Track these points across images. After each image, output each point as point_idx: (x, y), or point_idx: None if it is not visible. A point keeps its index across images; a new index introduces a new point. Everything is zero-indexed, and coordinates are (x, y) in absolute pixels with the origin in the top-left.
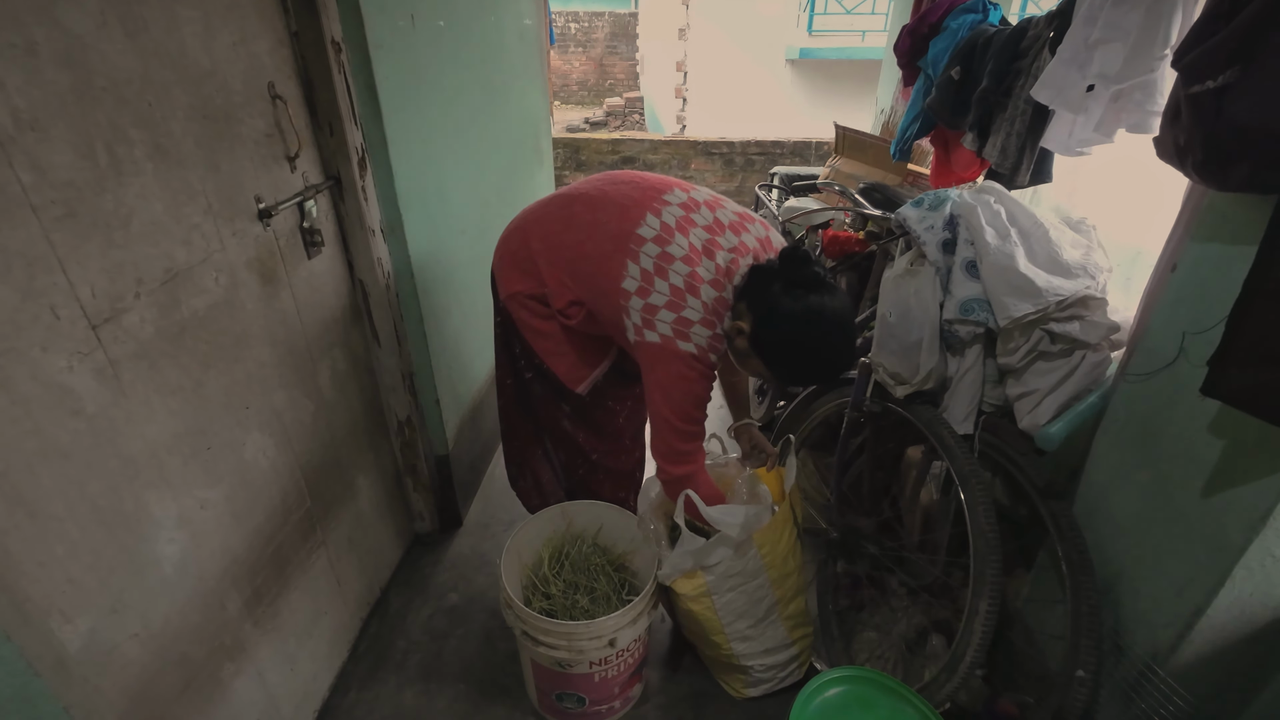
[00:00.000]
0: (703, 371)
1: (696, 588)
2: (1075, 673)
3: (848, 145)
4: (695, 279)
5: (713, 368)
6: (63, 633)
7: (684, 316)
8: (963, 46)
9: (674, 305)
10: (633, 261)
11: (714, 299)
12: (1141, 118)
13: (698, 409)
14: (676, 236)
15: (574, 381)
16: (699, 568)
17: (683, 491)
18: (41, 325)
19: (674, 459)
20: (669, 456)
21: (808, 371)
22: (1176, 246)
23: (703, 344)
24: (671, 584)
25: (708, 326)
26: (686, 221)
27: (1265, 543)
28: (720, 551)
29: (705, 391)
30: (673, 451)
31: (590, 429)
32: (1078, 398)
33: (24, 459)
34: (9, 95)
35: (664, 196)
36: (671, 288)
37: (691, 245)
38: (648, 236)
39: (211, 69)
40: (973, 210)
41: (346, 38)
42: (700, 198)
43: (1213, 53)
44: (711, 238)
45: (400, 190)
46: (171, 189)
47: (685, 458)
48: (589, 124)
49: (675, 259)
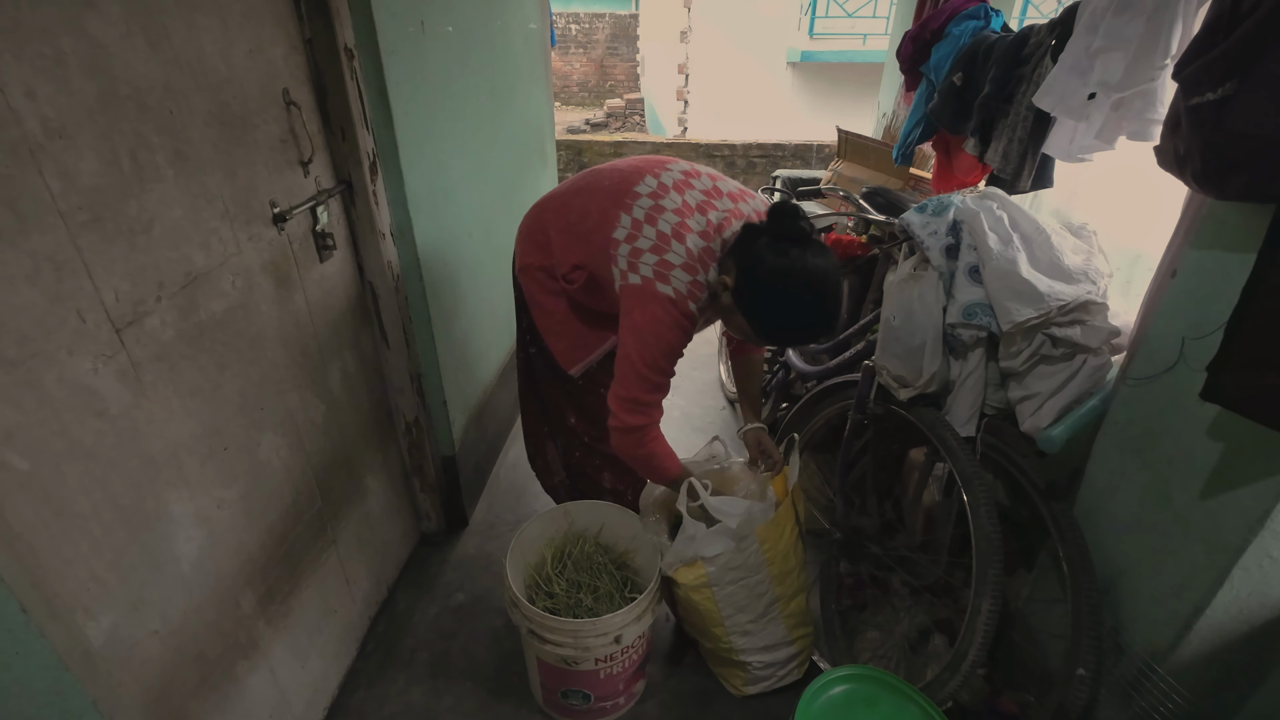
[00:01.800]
0: (677, 319)
1: (697, 578)
2: (1076, 671)
3: (850, 149)
4: (683, 228)
5: (690, 318)
6: (87, 629)
7: (666, 259)
8: (965, 53)
9: (658, 249)
10: (626, 213)
11: (700, 249)
12: (1142, 126)
13: (666, 359)
14: (671, 193)
15: (569, 363)
16: (699, 557)
17: (638, 450)
18: (68, 329)
19: (631, 408)
20: (627, 403)
21: (787, 327)
22: (1176, 253)
23: (681, 289)
24: (673, 573)
25: (689, 272)
26: (684, 184)
27: (1263, 544)
28: (722, 542)
29: (678, 342)
30: (632, 399)
31: (582, 413)
32: (1079, 401)
33: (51, 459)
34: (39, 104)
35: (667, 164)
36: (658, 233)
37: (685, 202)
38: (643, 193)
39: (229, 76)
40: (976, 216)
41: (359, 44)
42: (704, 170)
43: (1212, 65)
44: (707, 199)
45: (410, 194)
46: (191, 194)
47: (643, 409)
48: (589, 125)
49: (666, 210)
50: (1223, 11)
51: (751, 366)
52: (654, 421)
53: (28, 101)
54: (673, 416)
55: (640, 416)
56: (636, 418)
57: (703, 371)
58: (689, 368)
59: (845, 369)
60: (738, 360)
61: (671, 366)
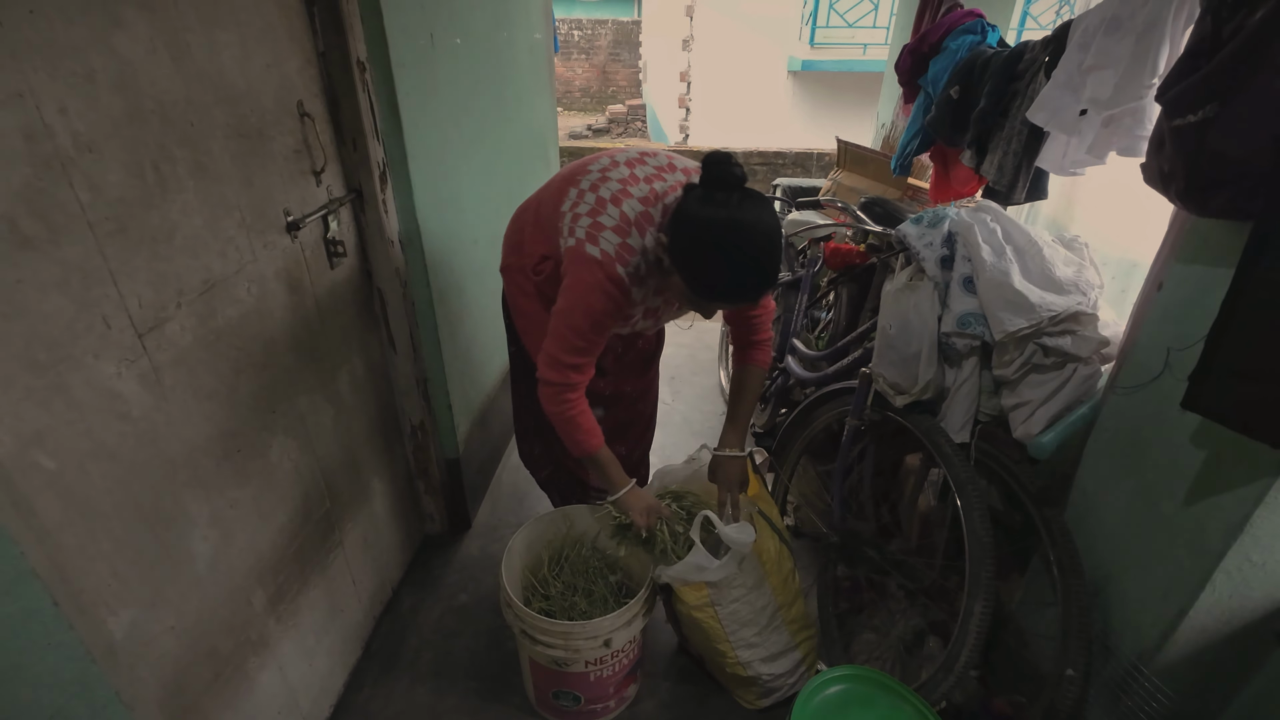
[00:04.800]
0: (602, 281)
1: (700, 598)
2: (1066, 672)
3: (849, 159)
4: (624, 194)
5: (617, 282)
6: (109, 623)
7: (598, 222)
8: (962, 67)
9: (594, 213)
10: (574, 188)
11: (638, 213)
12: (1131, 142)
13: (587, 322)
14: (620, 167)
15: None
16: (705, 582)
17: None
18: (94, 334)
19: (550, 362)
20: (547, 358)
21: (718, 281)
22: (1163, 266)
23: (610, 251)
24: (676, 592)
25: (619, 234)
26: (638, 160)
27: (1243, 548)
28: (727, 568)
29: (602, 310)
30: (551, 355)
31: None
32: (1069, 409)
33: (77, 459)
34: (70, 119)
35: (628, 149)
36: (597, 199)
37: (633, 174)
38: (594, 169)
39: (247, 89)
40: (970, 228)
41: (371, 57)
42: (665, 151)
43: (1194, 89)
44: (658, 173)
45: (418, 202)
46: (210, 204)
47: (561, 368)
48: (591, 130)
49: (611, 179)
50: (1204, 36)
51: (747, 377)
52: (571, 384)
53: (60, 117)
54: (673, 421)
55: (556, 373)
56: (553, 373)
57: (703, 377)
58: (689, 373)
59: (843, 375)
60: (736, 369)
61: (594, 337)
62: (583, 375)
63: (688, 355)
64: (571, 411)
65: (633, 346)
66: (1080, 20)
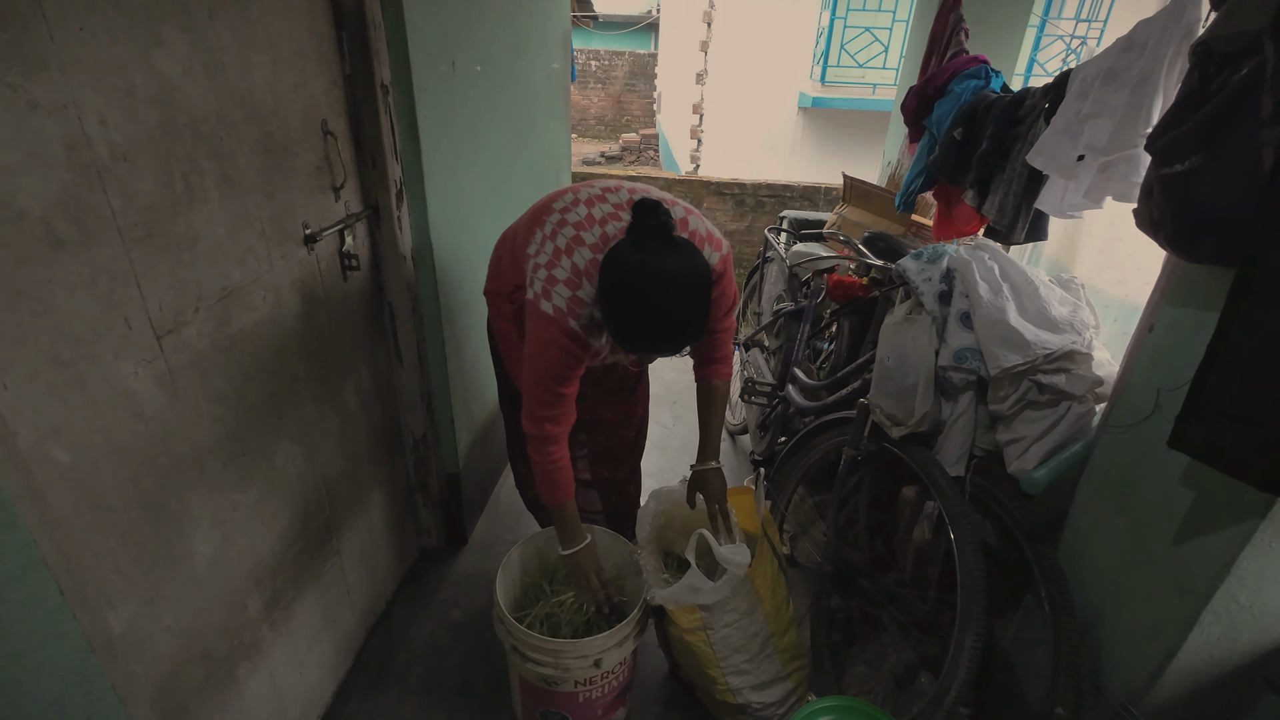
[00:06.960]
0: (557, 337)
1: (693, 621)
2: (1055, 711)
3: (855, 194)
4: (577, 241)
5: (571, 335)
6: (109, 617)
7: (553, 275)
8: (965, 110)
9: (550, 264)
10: (539, 229)
11: (586, 262)
12: (1126, 188)
13: (550, 376)
14: (579, 207)
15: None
16: (699, 605)
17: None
18: (116, 334)
19: (528, 418)
20: (525, 414)
21: (629, 329)
22: (1155, 309)
23: (561, 305)
24: (669, 614)
25: (570, 287)
26: (599, 198)
27: (1230, 590)
28: (721, 590)
29: (558, 361)
30: (528, 411)
31: None
32: (1063, 446)
33: (91, 454)
34: (109, 131)
35: (595, 182)
36: (554, 249)
37: (590, 215)
38: (557, 209)
39: (275, 108)
40: (968, 265)
41: (394, 81)
42: (630, 185)
43: (1181, 140)
44: (615, 212)
45: (432, 220)
46: (233, 215)
47: (535, 420)
48: (605, 158)
49: (569, 224)
50: (1192, 90)
51: (712, 393)
52: (549, 436)
53: (100, 127)
54: (673, 445)
55: (534, 427)
56: (532, 427)
57: None
58: (690, 398)
59: (842, 405)
60: (699, 385)
61: (558, 386)
62: (559, 426)
63: (689, 381)
64: (549, 465)
65: (613, 372)
66: (1079, 70)
